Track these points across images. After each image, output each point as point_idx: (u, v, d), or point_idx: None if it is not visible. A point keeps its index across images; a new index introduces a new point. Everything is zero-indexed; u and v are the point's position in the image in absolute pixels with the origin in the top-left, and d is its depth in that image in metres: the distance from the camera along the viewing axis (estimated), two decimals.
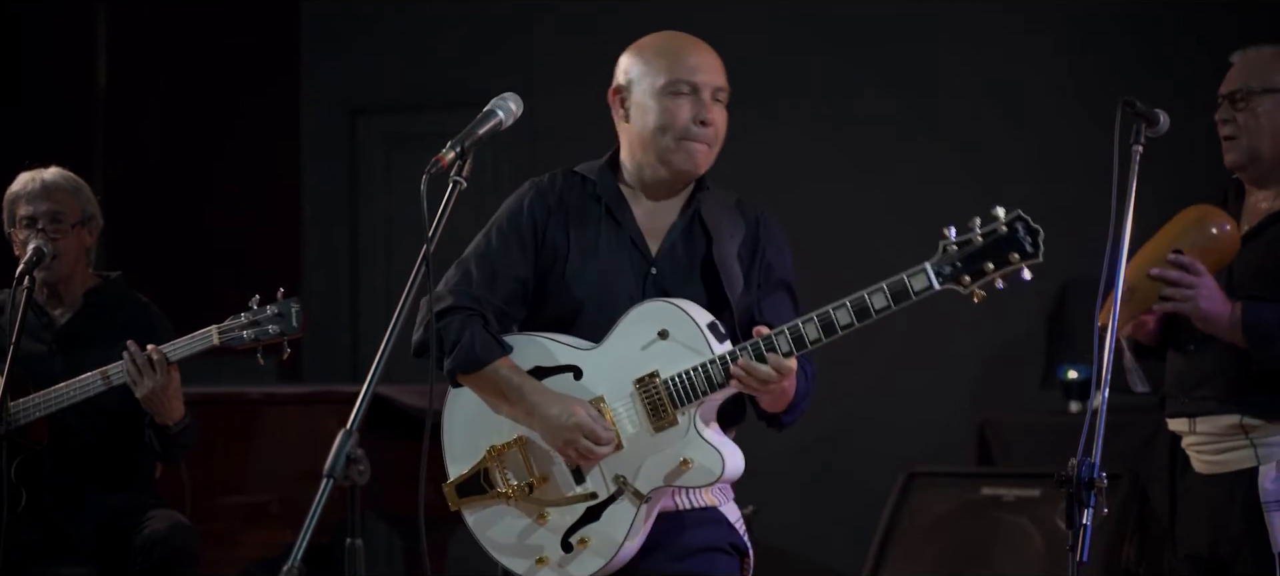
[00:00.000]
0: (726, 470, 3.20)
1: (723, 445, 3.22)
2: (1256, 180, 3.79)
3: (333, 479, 2.62)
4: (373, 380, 2.74)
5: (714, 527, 3.34)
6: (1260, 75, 3.73)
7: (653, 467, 3.21)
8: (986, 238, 3.01)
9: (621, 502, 3.23)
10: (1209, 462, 3.78)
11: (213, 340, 4.27)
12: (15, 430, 4.41)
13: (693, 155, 3.28)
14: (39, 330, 4.59)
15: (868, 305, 3.07)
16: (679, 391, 3.17)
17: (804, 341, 3.10)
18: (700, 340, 3.16)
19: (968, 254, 3.01)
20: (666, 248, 3.32)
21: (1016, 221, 3.01)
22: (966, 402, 6.40)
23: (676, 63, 3.29)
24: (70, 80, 7.73)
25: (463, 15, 7.50)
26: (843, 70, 6.81)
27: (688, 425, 3.18)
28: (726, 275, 3.27)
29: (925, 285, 3.03)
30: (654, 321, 3.20)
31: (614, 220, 3.33)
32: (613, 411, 3.22)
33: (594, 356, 3.26)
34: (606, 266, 3.30)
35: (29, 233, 4.53)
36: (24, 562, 4.45)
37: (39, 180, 4.58)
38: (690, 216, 3.34)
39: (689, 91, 3.28)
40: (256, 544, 5.87)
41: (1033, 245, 3.00)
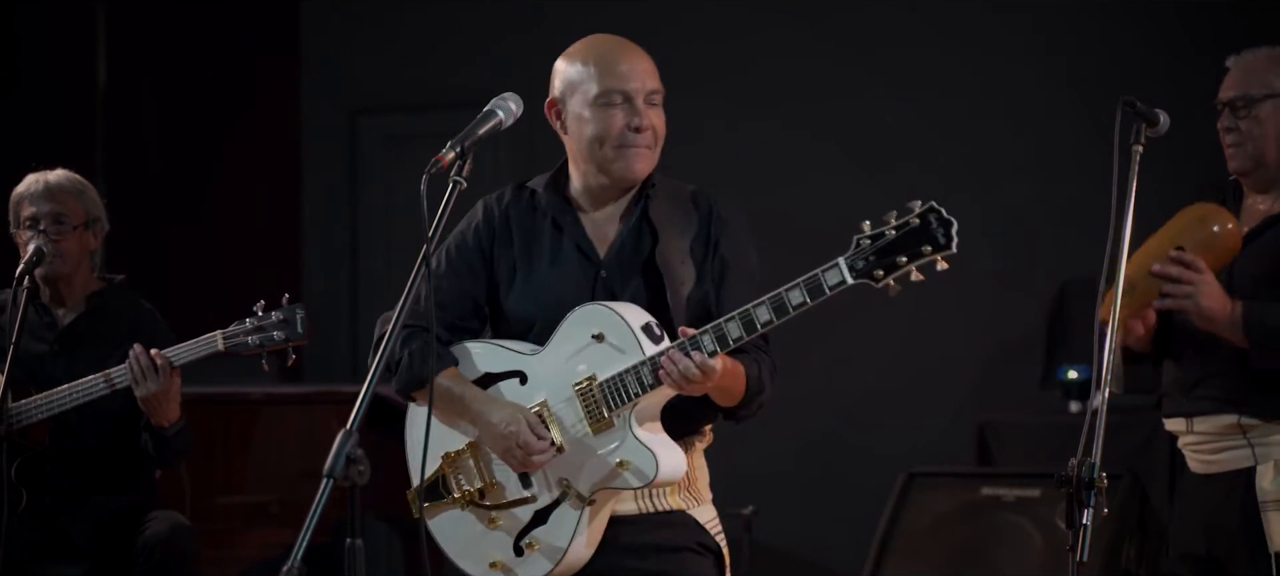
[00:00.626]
0: (660, 471, 3.19)
1: (658, 446, 3.21)
2: (1259, 185, 3.79)
3: (333, 479, 2.62)
4: (373, 380, 2.75)
5: (682, 529, 3.34)
6: (1260, 81, 3.73)
7: (592, 470, 3.23)
8: (899, 230, 3.00)
9: (565, 505, 3.26)
10: (1206, 462, 3.78)
11: (217, 345, 4.28)
12: (16, 431, 4.41)
13: (632, 162, 3.29)
14: (42, 331, 4.59)
15: (785, 301, 3.07)
16: (612, 393, 3.19)
17: (727, 339, 3.10)
18: (632, 342, 3.17)
19: (880, 247, 3.01)
20: (614, 250, 3.34)
21: (929, 213, 2.99)
22: (966, 403, 6.40)
23: (606, 72, 3.29)
24: (70, 80, 7.73)
25: (463, 15, 7.50)
26: (843, 70, 6.81)
27: (623, 427, 3.20)
28: (669, 274, 3.27)
29: (839, 280, 3.04)
30: (589, 324, 3.22)
31: (558, 229, 3.36)
32: (555, 415, 3.25)
33: (537, 361, 3.29)
34: (554, 277, 3.34)
35: (32, 233, 4.53)
36: (24, 563, 4.45)
37: (43, 181, 4.59)
38: (638, 217, 3.34)
39: (621, 100, 3.28)
40: (256, 544, 5.87)
41: (945, 237, 2.98)
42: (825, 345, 6.64)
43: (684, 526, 3.34)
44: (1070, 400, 6.09)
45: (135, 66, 7.94)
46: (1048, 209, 6.40)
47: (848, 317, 6.52)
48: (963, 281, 6.67)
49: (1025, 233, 6.51)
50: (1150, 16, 6.34)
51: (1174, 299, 3.60)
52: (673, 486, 3.31)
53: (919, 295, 6.80)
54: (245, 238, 7.74)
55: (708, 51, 6.90)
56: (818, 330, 6.85)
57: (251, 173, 7.87)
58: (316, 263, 7.88)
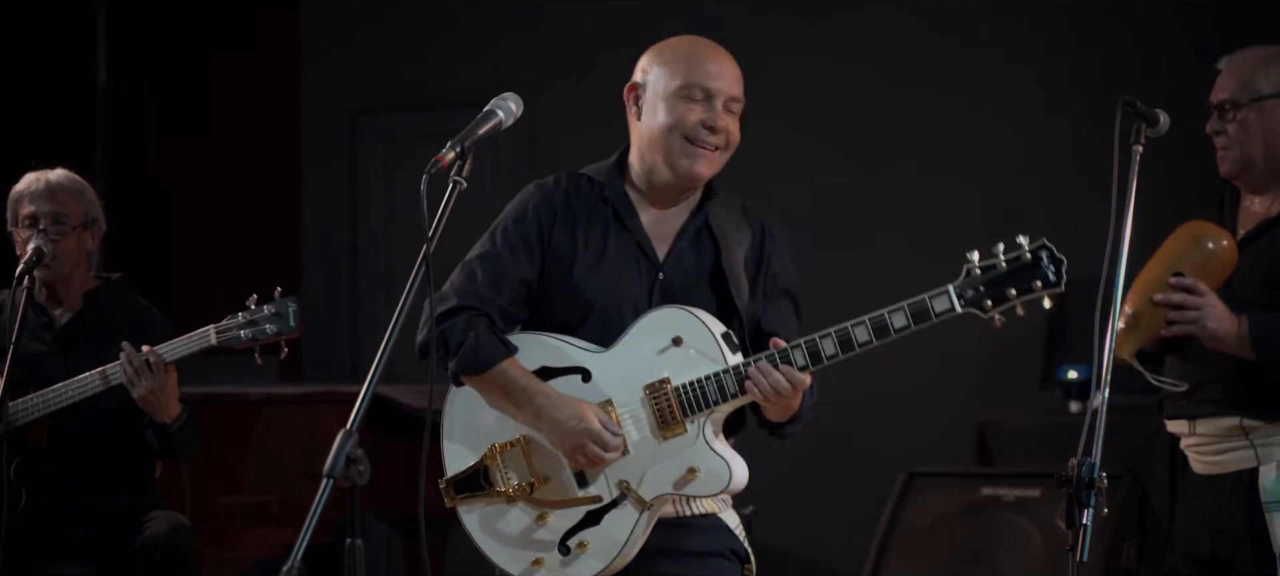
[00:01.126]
0: (733, 480, 3.21)
1: (731, 456, 3.22)
2: (1251, 187, 3.80)
3: (333, 479, 2.62)
4: (373, 380, 2.74)
5: (715, 534, 3.33)
6: (1246, 85, 3.74)
7: (658, 474, 3.20)
8: (1011, 264, 3.05)
9: (623, 507, 3.23)
10: (1209, 463, 3.78)
11: (210, 340, 4.27)
12: (15, 430, 4.41)
13: (696, 159, 3.27)
14: (39, 330, 4.59)
15: (888, 324, 3.10)
16: (690, 399, 3.17)
17: (820, 356, 3.12)
18: (714, 349, 3.16)
19: (991, 278, 3.05)
20: (675, 254, 3.32)
21: (1041, 249, 3.05)
22: (966, 403, 6.39)
23: (694, 67, 3.28)
24: (70, 80, 7.73)
25: (463, 15, 7.50)
26: (843, 70, 6.81)
27: (697, 434, 3.18)
28: (735, 284, 3.27)
29: (947, 307, 3.08)
30: (669, 328, 3.20)
31: (621, 224, 3.32)
32: (620, 416, 3.22)
33: (603, 359, 3.25)
34: (613, 271, 3.29)
35: (31, 232, 4.53)
36: (24, 563, 4.45)
37: (43, 181, 4.59)
38: (699, 223, 3.33)
39: (702, 97, 3.26)
40: (256, 544, 5.87)
41: (1056, 274, 3.03)
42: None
43: (717, 531, 3.34)
44: (1070, 400, 6.08)
45: (135, 66, 7.94)
46: (1048, 209, 6.39)
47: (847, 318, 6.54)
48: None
49: (1025, 233, 6.50)
50: (1150, 16, 6.34)
51: (1181, 326, 3.60)
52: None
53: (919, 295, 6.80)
54: (245, 238, 7.74)
55: None
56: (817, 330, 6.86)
57: (251, 173, 7.87)
58: (316, 263, 7.88)
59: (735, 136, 3.31)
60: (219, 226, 7.78)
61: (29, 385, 4.45)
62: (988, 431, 6.03)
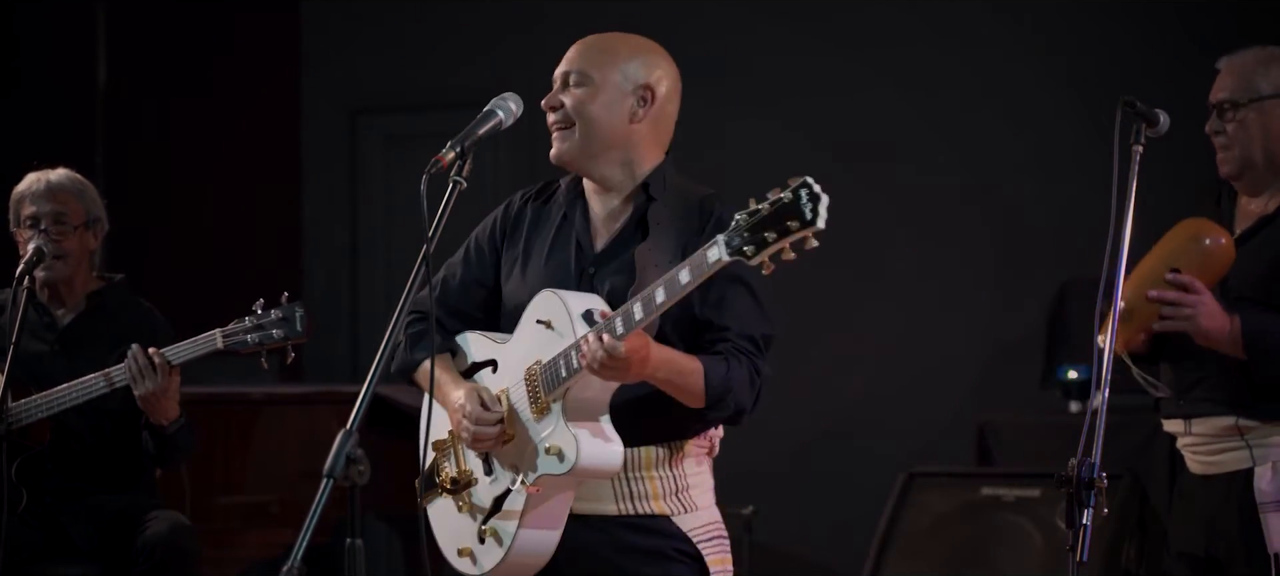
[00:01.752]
0: (581, 458, 3.13)
1: (584, 434, 3.15)
2: (1250, 188, 3.80)
3: (333, 479, 2.62)
4: (373, 380, 2.74)
5: (659, 536, 3.29)
6: (1244, 86, 3.74)
7: (531, 455, 3.21)
8: (774, 206, 2.88)
9: (515, 491, 3.24)
10: (1204, 463, 3.78)
11: (217, 344, 4.28)
12: (17, 431, 4.41)
13: (554, 144, 3.34)
14: (41, 330, 4.59)
15: (675, 279, 3.00)
16: (547, 377, 3.17)
17: (631, 319, 3.04)
18: (568, 327, 3.15)
19: (754, 223, 2.89)
20: (607, 246, 3.33)
21: (800, 188, 2.86)
22: (966, 403, 6.40)
23: None
24: (70, 79, 7.73)
25: (463, 15, 7.50)
26: (843, 69, 6.81)
27: (557, 412, 3.17)
28: (639, 274, 3.19)
29: (717, 256, 2.93)
30: (540, 312, 3.23)
31: (567, 221, 3.37)
32: (514, 401, 3.25)
33: (506, 349, 3.31)
34: (550, 268, 3.33)
35: (32, 233, 4.53)
36: (25, 563, 4.45)
37: (45, 181, 4.59)
38: (636, 215, 3.32)
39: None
40: (256, 544, 5.87)
41: (813, 211, 2.83)
42: (825, 345, 6.64)
43: (664, 534, 3.28)
44: (1070, 400, 6.08)
45: (135, 66, 7.94)
46: (1048, 209, 6.40)
47: (848, 318, 6.55)
48: (963, 281, 6.73)
49: (1025, 233, 6.51)
50: (1150, 16, 6.34)
51: (1174, 322, 3.59)
52: (657, 491, 3.26)
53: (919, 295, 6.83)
54: (245, 238, 7.74)
55: (706, 51, 6.89)
56: (818, 330, 6.88)
57: (251, 173, 7.87)
58: (316, 263, 7.88)
59: (581, 110, 3.30)
60: (219, 226, 7.78)
61: (31, 385, 4.45)
62: (988, 431, 6.03)
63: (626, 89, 3.32)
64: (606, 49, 3.35)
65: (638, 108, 3.31)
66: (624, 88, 3.31)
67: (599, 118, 3.30)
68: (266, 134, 7.92)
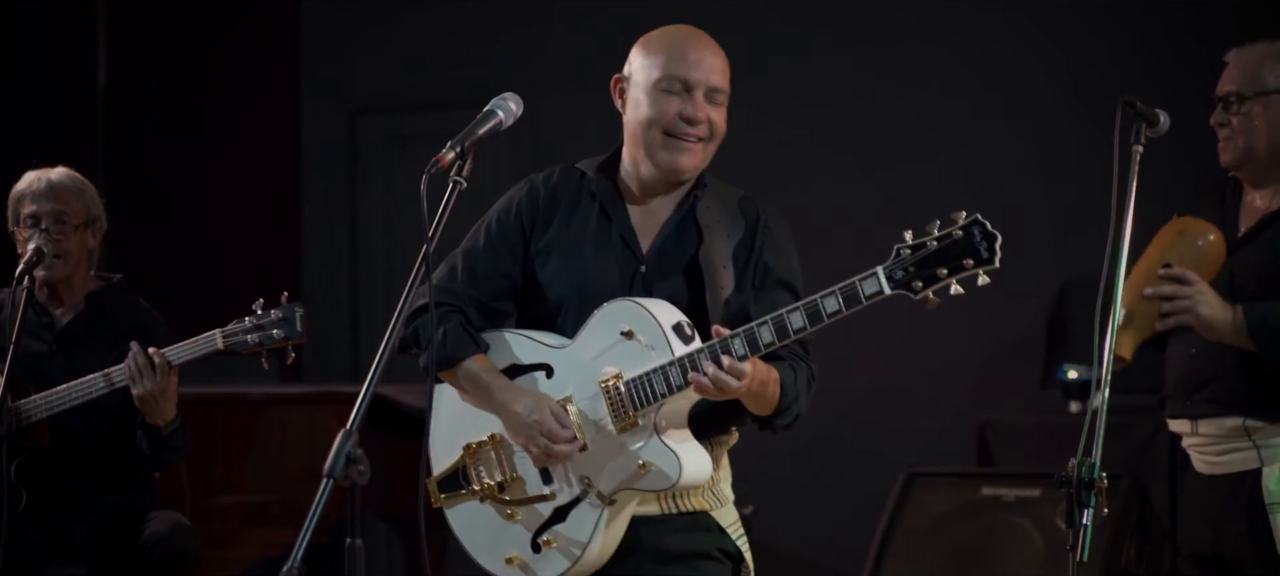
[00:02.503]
0: (683, 475, 3.13)
1: (682, 449, 3.15)
2: (1253, 180, 3.82)
3: (333, 479, 2.62)
4: (373, 380, 2.74)
5: (702, 533, 3.28)
6: (1251, 79, 3.76)
7: (614, 470, 3.16)
8: (942, 242, 2.93)
9: (585, 504, 3.20)
10: (1211, 464, 3.78)
11: (217, 344, 4.27)
12: (16, 431, 4.41)
13: (676, 153, 3.23)
14: (40, 330, 4.59)
15: (820, 309, 3.01)
16: (639, 393, 3.12)
17: (758, 344, 3.03)
18: (661, 341, 3.10)
19: (921, 258, 2.94)
20: (657, 245, 3.27)
21: (973, 226, 2.92)
22: (966, 403, 6.40)
23: (675, 58, 3.24)
24: (70, 79, 7.73)
25: (463, 15, 7.50)
26: (843, 69, 6.81)
27: (648, 428, 3.13)
28: (710, 276, 3.21)
29: (876, 289, 2.97)
30: (620, 321, 3.15)
31: (606, 216, 3.30)
32: (579, 411, 3.19)
33: (564, 354, 3.22)
34: (593, 263, 3.27)
35: (32, 232, 4.53)
36: (24, 563, 4.45)
37: (45, 180, 4.58)
38: (684, 214, 3.29)
39: (680, 89, 3.22)
40: (256, 544, 5.87)
41: (989, 251, 2.91)
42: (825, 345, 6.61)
43: (706, 531, 3.28)
44: (1070, 400, 6.09)
45: (135, 66, 7.94)
46: (1048, 209, 6.39)
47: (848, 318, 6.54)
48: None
49: (1025, 233, 6.49)
50: (1150, 16, 6.34)
51: (1174, 316, 3.60)
52: (697, 488, 3.26)
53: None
54: (245, 238, 7.74)
55: None
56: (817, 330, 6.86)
57: (251, 173, 7.87)
58: (316, 263, 7.88)
59: (720, 127, 3.26)
60: (219, 226, 7.78)
61: (29, 385, 4.45)
62: (988, 431, 6.03)
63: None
64: (726, 63, 3.33)
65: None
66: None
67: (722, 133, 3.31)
68: (266, 134, 7.92)
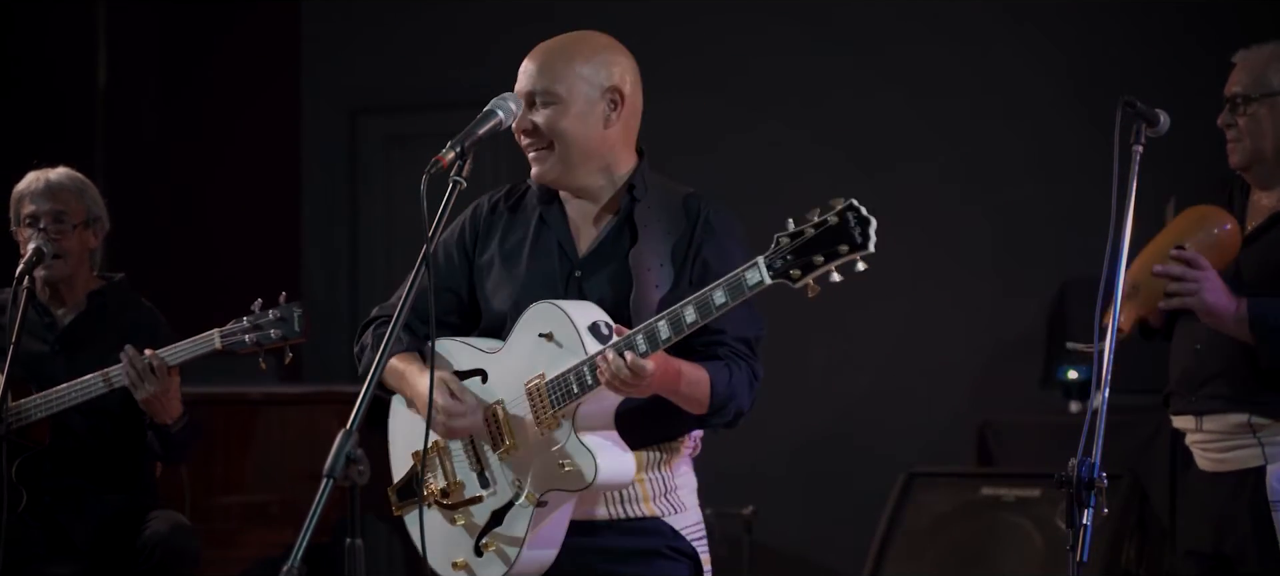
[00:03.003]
0: (599, 474, 3.12)
1: (599, 448, 3.14)
2: (1260, 181, 3.82)
3: (333, 479, 2.62)
4: (373, 380, 2.74)
5: (652, 536, 3.28)
6: (1257, 81, 3.76)
7: (540, 470, 3.18)
8: (818, 228, 2.93)
9: (517, 506, 3.21)
10: (1215, 460, 3.78)
11: (215, 344, 4.27)
12: (16, 430, 4.41)
13: (532, 165, 3.28)
14: (42, 330, 4.58)
15: (710, 300, 3.00)
16: (556, 393, 3.13)
17: (657, 339, 3.03)
18: (576, 341, 3.11)
19: (798, 246, 2.93)
20: (593, 249, 3.28)
21: (847, 211, 2.92)
22: (966, 403, 6.40)
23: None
24: (70, 79, 7.73)
25: (463, 15, 7.50)
26: (843, 69, 6.81)
27: (567, 427, 3.14)
28: (638, 277, 3.20)
29: (757, 280, 2.96)
30: (539, 323, 3.17)
31: (545, 224, 3.32)
32: (512, 414, 3.21)
33: (496, 359, 3.25)
34: (530, 271, 3.29)
35: (32, 231, 4.52)
36: (24, 562, 4.45)
37: (44, 179, 4.58)
38: (622, 216, 3.27)
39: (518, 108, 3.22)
40: (256, 544, 5.87)
41: (862, 235, 2.90)
42: (825, 345, 6.64)
43: (657, 533, 3.27)
44: (1070, 400, 6.09)
45: (135, 66, 7.94)
46: (1048, 209, 6.39)
47: (848, 318, 6.54)
48: (963, 281, 6.73)
49: (1025, 233, 6.51)
50: (1150, 16, 6.34)
51: (1179, 297, 3.60)
52: (646, 493, 3.25)
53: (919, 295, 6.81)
54: (245, 238, 7.74)
55: (707, 52, 6.90)
56: (818, 330, 6.88)
57: (251, 173, 7.87)
58: (316, 263, 7.87)
59: (557, 129, 3.22)
60: (219, 226, 7.78)
61: (30, 385, 4.45)
62: (988, 431, 6.03)
63: (594, 96, 3.25)
64: (565, 58, 3.27)
65: (609, 112, 3.26)
66: (592, 96, 3.25)
67: (575, 133, 3.23)
68: (266, 134, 7.92)
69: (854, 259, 2.91)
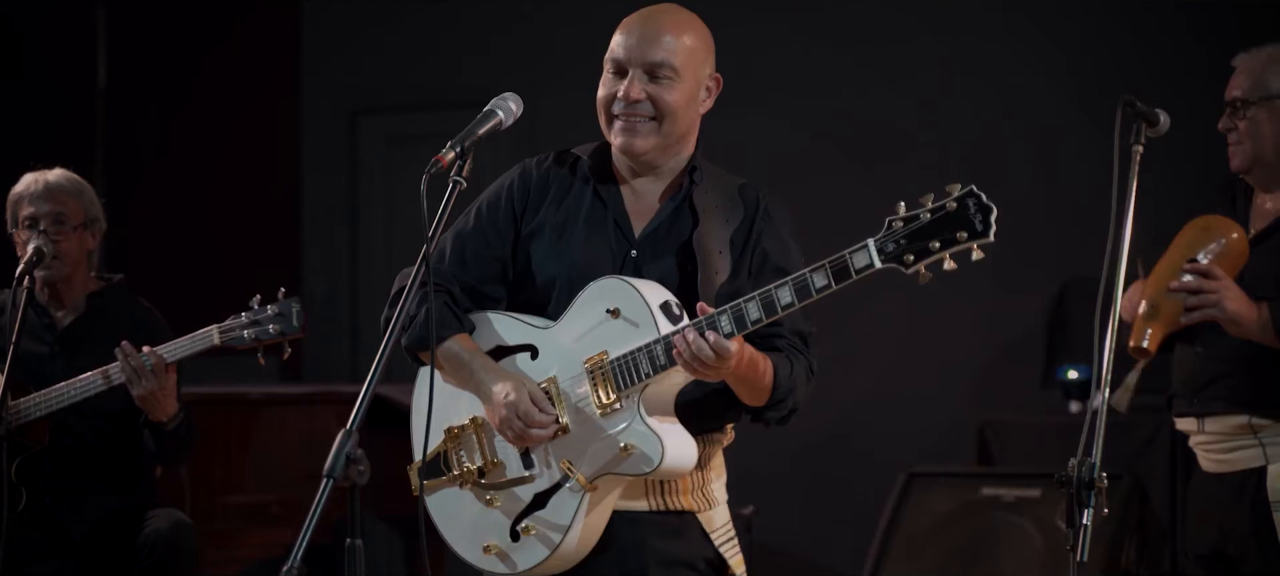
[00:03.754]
0: (665, 459, 3.01)
1: (666, 432, 3.04)
2: (1262, 183, 3.83)
3: (333, 479, 2.61)
4: (373, 380, 2.73)
5: (685, 541, 3.18)
6: (1256, 84, 3.77)
7: (596, 453, 3.06)
8: (935, 214, 2.85)
9: (565, 489, 3.09)
10: (1217, 461, 3.79)
11: (213, 340, 4.27)
12: (16, 430, 4.41)
13: (624, 134, 3.15)
14: (41, 332, 4.58)
15: (809, 283, 2.91)
16: (623, 372, 3.03)
17: (745, 320, 2.94)
18: (648, 319, 3.02)
19: (913, 231, 2.85)
20: (650, 230, 3.20)
21: (967, 198, 2.86)
22: (966, 403, 6.40)
23: (620, 39, 3.18)
24: (70, 79, 7.73)
25: (463, 15, 7.50)
26: (843, 68, 6.81)
27: (632, 410, 3.03)
28: (703, 259, 3.13)
29: (866, 263, 2.87)
30: (606, 299, 3.07)
31: (599, 199, 3.23)
32: (563, 392, 3.10)
33: (549, 335, 3.13)
34: (583, 244, 3.19)
35: (31, 233, 4.52)
36: (24, 562, 4.45)
37: (42, 181, 4.58)
38: (680, 199, 3.20)
39: (614, 70, 3.16)
40: (256, 544, 5.87)
41: (983, 223, 2.84)
42: (825, 345, 6.63)
43: (692, 536, 3.19)
44: (1070, 400, 6.09)
45: (135, 66, 7.94)
46: (1048, 209, 6.39)
47: (848, 318, 6.54)
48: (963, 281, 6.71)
49: (1025, 233, 6.50)
50: (1150, 17, 6.34)
51: (1200, 311, 3.61)
52: (686, 486, 3.17)
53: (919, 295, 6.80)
54: (245, 237, 7.74)
55: None
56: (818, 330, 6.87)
57: (251, 173, 7.87)
58: (316, 262, 7.88)
59: (666, 103, 3.14)
60: (219, 226, 7.78)
61: (30, 386, 4.45)
62: (988, 431, 6.03)
63: (702, 80, 3.21)
64: (688, 34, 3.18)
65: (705, 98, 3.23)
66: (701, 77, 3.21)
67: (683, 113, 3.17)
68: (266, 134, 7.92)
69: (971, 246, 2.83)
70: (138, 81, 7.96)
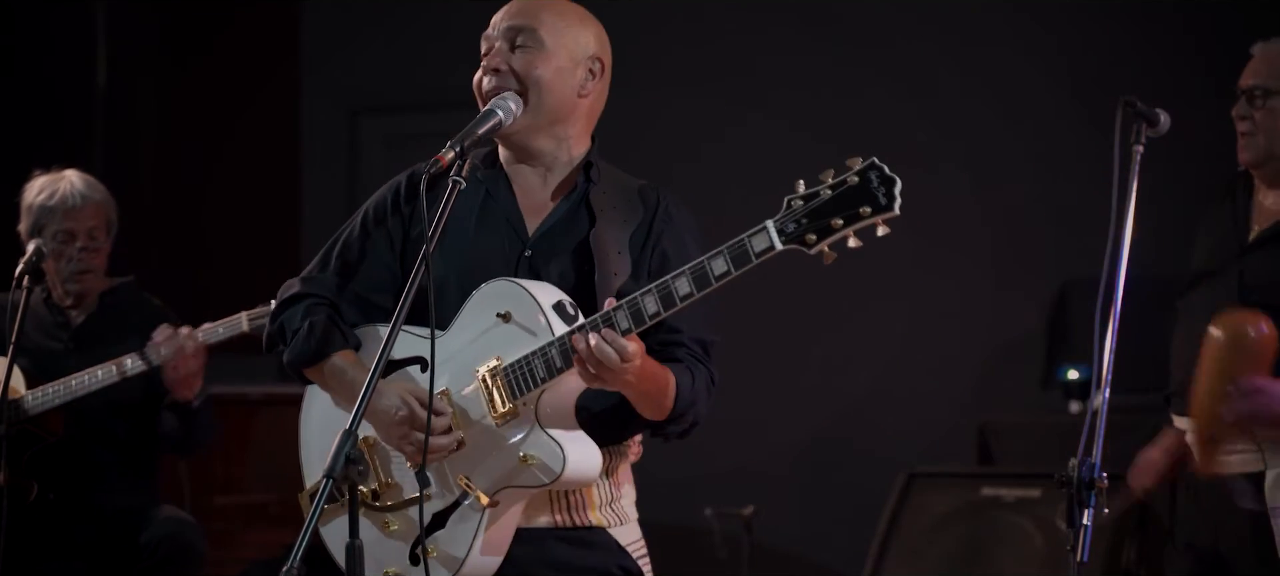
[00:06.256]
0: (567, 468, 2.84)
1: (567, 440, 2.86)
2: (1269, 179, 3.78)
3: (333, 479, 2.61)
4: (372, 380, 2.72)
5: (600, 552, 3.02)
6: (1276, 73, 3.71)
7: (494, 466, 2.89)
8: (836, 189, 2.67)
9: (465, 507, 2.92)
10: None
11: (242, 326, 4.33)
12: (29, 419, 4.42)
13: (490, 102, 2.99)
14: (55, 329, 4.61)
15: (707, 271, 2.72)
16: (518, 379, 2.86)
17: (643, 315, 2.75)
18: (541, 322, 2.85)
19: (813, 209, 2.68)
20: (545, 228, 3.04)
21: (869, 170, 2.67)
22: (966, 403, 6.39)
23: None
24: (70, 79, 7.73)
25: (463, 15, 7.45)
26: (843, 68, 6.81)
27: (529, 418, 2.87)
28: (601, 261, 2.95)
29: (766, 245, 2.69)
30: (497, 303, 2.90)
31: (491, 198, 3.09)
32: (458, 404, 2.93)
33: (439, 345, 2.84)
34: (473, 245, 3.04)
35: (64, 246, 4.52)
36: (27, 560, 4.46)
37: (77, 194, 4.56)
38: (575, 198, 3.06)
39: (483, 50, 3.08)
40: (256, 544, 5.87)
41: (886, 196, 2.64)
42: (825, 345, 6.63)
43: (604, 548, 3.03)
44: (1070, 400, 6.09)
45: (135, 66, 7.94)
46: (1048, 209, 6.39)
47: (848, 317, 6.54)
48: (963, 281, 6.72)
49: (1025, 233, 6.51)
50: (1150, 16, 6.34)
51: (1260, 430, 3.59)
52: (594, 501, 3.02)
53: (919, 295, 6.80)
54: (245, 237, 7.74)
55: (707, 50, 6.89)
56: (818, 330, 6.88)
57: (251, 173, 7.87)
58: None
59: (534, 75, 2.99)
60: (219, 226, 7.78)
61: (41, 379, 4.47)
62: (988, 431, 6.03)
63: (579, 56, 3.04)
64: (553, 10, 3.05)
65: (587, 80, 3.06)
66: (576, 55, 3.04)
67: (552, 85, 3.01)
68: (266, 133, 7.92)
69: (876, 222, 2.66)
70: (138, 81, 7.96)
